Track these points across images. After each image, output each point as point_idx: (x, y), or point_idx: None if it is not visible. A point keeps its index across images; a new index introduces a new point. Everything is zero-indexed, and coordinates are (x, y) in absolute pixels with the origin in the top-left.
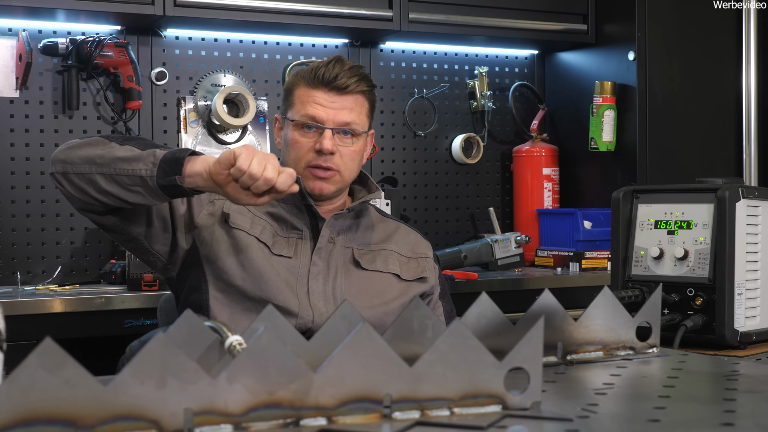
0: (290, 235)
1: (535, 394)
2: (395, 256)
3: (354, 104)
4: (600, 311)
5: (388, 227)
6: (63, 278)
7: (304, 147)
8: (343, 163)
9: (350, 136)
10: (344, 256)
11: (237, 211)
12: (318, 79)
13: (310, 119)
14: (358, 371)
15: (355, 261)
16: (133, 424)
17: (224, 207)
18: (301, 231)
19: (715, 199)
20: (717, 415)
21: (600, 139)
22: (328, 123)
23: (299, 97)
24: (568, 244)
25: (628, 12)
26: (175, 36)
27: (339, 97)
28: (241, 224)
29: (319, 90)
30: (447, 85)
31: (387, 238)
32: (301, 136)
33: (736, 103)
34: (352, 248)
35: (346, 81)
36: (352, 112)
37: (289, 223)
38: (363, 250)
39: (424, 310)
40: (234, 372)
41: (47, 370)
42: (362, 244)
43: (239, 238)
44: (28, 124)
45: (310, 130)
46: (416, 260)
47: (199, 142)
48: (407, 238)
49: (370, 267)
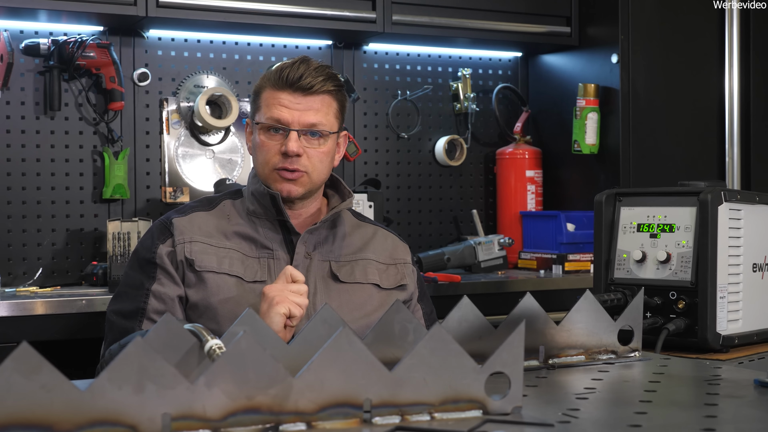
0: (261, 255)
1: (516, 399)
2: (374, 265)
3: (320, 105)
4: (582, 315)
5: (365, 233)
6: (44, 280)
7: (271, 150)
8: (311, 164)
9: (318, 138)
10: (322, 270)
11: (200, 252)
12: (283, 81)
13: (275, 121)
14: (338, 376)
15: (333, 275)
16: (110, 429)
17: (185, 252)
18: (272, 250)
19: (698, 203)
20: (698, 420)
21: (583, 142)
22: (293, 125)
23: (265, 100)
24: (551, 247)
25: (611, 14)
26: (157, 37)
27: (304, 98)
28: (208, 265)
29: (284, 91)
30: (430, 87)
31: (364, 245)
32: (268, 139)
33: (718, 106)
34: (329, 261)
35: (311, 81)
36: (318, 113)
37: (259, 243)
38: (341, 263)
39: (405, 313)
40: (213, 376)
41: (23, 375)
42: (339, 255)
43: (209, 282)
44: (9, 125)
45: (277, 132)
46: (395, 266)
47: (182, 144)
48: (385, 244)
49: (349, 279)
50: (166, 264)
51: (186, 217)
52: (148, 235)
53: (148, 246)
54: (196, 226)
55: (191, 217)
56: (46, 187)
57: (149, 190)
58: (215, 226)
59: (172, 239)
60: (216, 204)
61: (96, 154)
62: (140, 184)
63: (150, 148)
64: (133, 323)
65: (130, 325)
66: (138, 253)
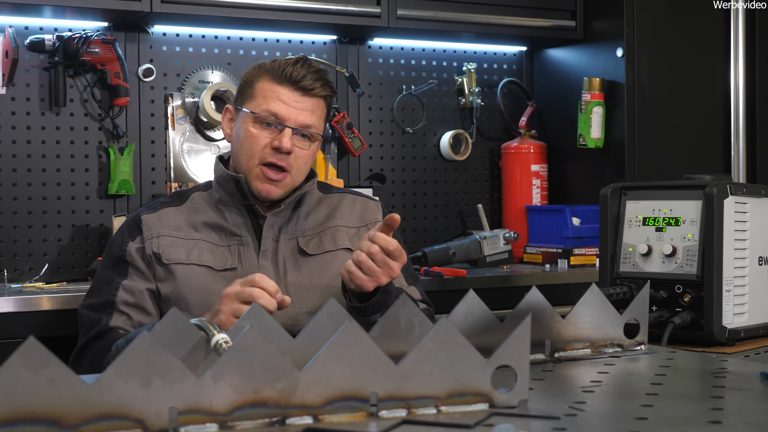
0: (230, 243)
1: (523, 392)
2: (343, 231)
3: (316, 107)
4: (588, 308)
5: (332, 201)
6: (50, 276)
7: (261, 142)
8: (296, 164)
9: (307, 140)
10: (290, 248)
11: (168, 246)
12: (285, 77)
13: (272, 115)
14: (345, 370)
15: (301, 250)
16: (117, 423)
17: (154, 247)
18: (241, 236)
19: (703, 196)
20: (704, 412)
21: (588, 136)
22: (289, 122)
23: (262, 91)
24: (557, 241)
25: (616, 8)
26: (162, 32)
27: (303, 98)
28: (176, 257)
29: (284, 87)
30: (435, 81)
31: (331, 213)
32: (259, 131)
33: (724, 100)
34: (296, 238)
35: (312, 83)
36: (313, 115)
37: (227, 230)
38: (307, 237)
39: (411, 307)
40: (219, 370)
41: (31, 370)
42: (304, 230)
43: (177, 274)
44: (14, 121)
45: (270, 126)
46: (366, 227)
47: (187, 139)
48: (353, 208)
49: (318, 251)
50: (136, 261)
51: (155, 213)
52: (118, 233)
53: (119, 244)
54: (165, 222)
55: (160, 214)
56: (52, 183)
57: (154, 185)
58: (185, 220)
59: (141, 236)
60: (186, 198)
61: (101, 149)
62: (145, 179)
63: (155, 144)
64: (102, 314)
65: (98, 316)
66: (110, 251)
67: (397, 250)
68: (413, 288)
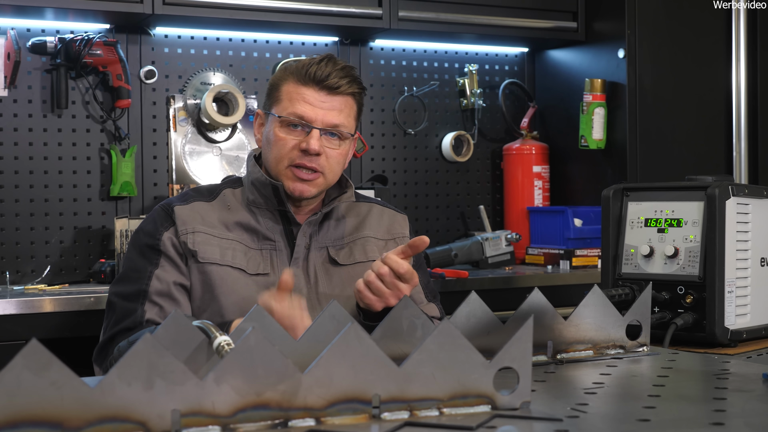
0: (263, 247)
1: (525, 393)
2: (372, 242)
3: (343, 106)
4: (590, 310)
5: (361, 211)
6: (52, 278)
7: (288, 145)
8: (328, 165)
9: (337, 138)
10: (321, 257)
11: (203, 243)
12: (309, 77)
13: (298, 117)
14: (347, 372)
15: (332, 260)
16: (120, 425)
17: (189, 243)
18: (274, 242)
19: (705, 197)
20: (707, 414)
21: (590, 137)
22: (316, 123)
23: (287, 94)
24: (559, 242)
25: (617, 9)
26: (164, 34)
27: (329, 97)
28: (211, 257)
29: (309, 88)
30: (437, 83)
31: (360, 224)
32: (286, 134)
33: (726, 101)
34: (326, 247)
35: (338, 81)
36: (341, 114)
37: (261, 234)
38: (338, 246)
39: (413, 309)
40: (222, 373)
41: (33, 372)
42: (335, 239)
43: (212, 275)
44: (16, 123)
45: (297, 128)
46: (393, 241)
47: (189, 141)
48: (381, 220)
49: (348, 261)
50: (169, 251)
51: (188, 205)
52: (149, 220)
53: (150, 232)
54: (198, 216)
55: (193, 206)
56: (54, 185)
57: (156, 187)
58: (217, 217)
59: (175, 227)
60: (216, 194)
61: (103, 151)
62: (147, 181)
63: (157, 146)
64: (135, 304)
65: (132, 306)
66: (140, 239)
67: (408, 273)
68: (432, 305)
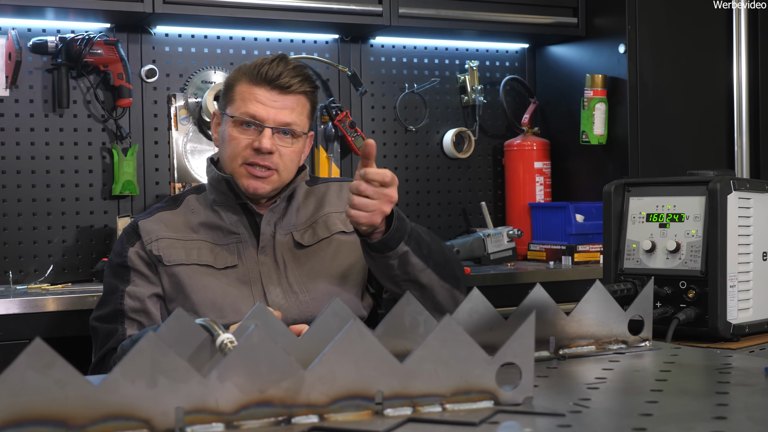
0: (229, 241)
1: (527, 389)
2: (334, 216)
3: (295, 104)
4: (592, 305)
5: (319, 192)
6: (55, 277)
7: (242, 144)
8: (282, 162)
9: (290, 137)
10: (286, 243)
11: (167, 247)
12: (261, 77)
13: (250, 117)
14: (350, 368)
15: (297, 243)
16: (124, 423)
17: (154, 250)
18: (239, 234)
19: (707, 192)
20: (709, 408)
21: (591, 133)
22: (268, 122)
23: (240, 93)
24: (561, 238)
25: (618, 5)
26: (164, 33)
27: (281, 96)
28: (176, 258)
29: (261, 87)
30: (437, 79)
31: (320, 204)
32: (240, 133)
33: (727, 95)
34: (290, 233)
35: (290, 80)
36: (293, 113)
37: (225, 229)
38: (301, 230)
39: (416, 305)
40: (225, 370)
41: (37, 371)
42: (297, 224)
43: (180, 275)
44: (18, 123)
45: (249, 127)
46: None
47: (190, 139)
48: (341, 194)
49: (313, 241)
50: (137, 265)
51: (151, 217)
52: (118, 242)
53: (119, 251)
54: (162, 225)
55: (157, 217)
56: (56, 185)
57: (158, 186)
58: (182, 222)
59: (140, 241)
60: (180, 201)
61: (105, 151)
62: (149, 180)
63: (158, 145)
64: (114, 325)
65: (112, 327)
66: (111, 261)
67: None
68: None
